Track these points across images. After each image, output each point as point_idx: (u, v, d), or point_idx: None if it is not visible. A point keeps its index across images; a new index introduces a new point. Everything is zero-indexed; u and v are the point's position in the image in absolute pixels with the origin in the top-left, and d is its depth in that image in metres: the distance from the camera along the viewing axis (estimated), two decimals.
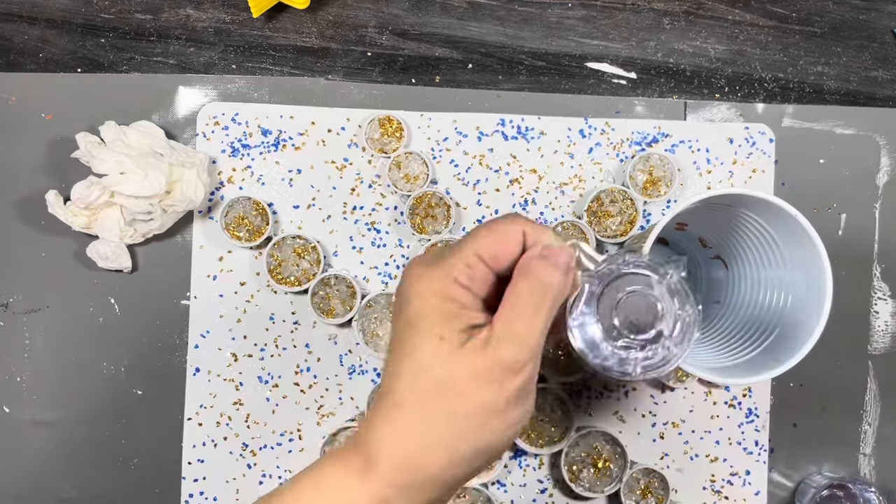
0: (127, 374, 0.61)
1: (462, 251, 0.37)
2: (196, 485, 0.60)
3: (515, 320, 0.35)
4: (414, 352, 0.35)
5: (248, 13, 0.63)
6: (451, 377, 0.35)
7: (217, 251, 0.61)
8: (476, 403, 0.35)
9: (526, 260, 0.37)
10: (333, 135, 0.62)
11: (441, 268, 0.36)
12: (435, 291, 0.36)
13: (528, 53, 0.63)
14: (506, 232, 0.37)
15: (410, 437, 0.35)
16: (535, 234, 0.38)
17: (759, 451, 0.62)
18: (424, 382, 0.35)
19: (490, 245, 0.37)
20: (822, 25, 0.64)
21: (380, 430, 0.35)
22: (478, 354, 0.35)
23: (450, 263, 0.36)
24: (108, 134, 0.59)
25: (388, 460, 0.35)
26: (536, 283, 0.36)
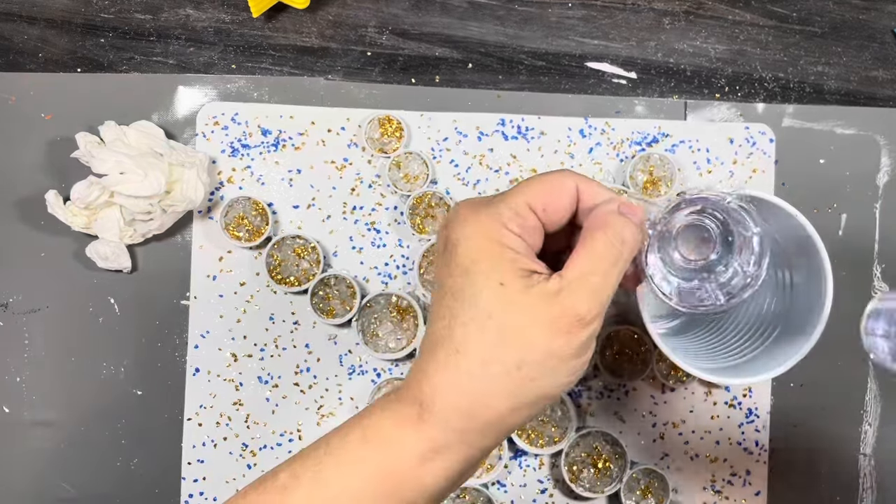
0: (127, 374, 0.61)
1: (513, 198, 0.36)
2: (196, 485, 0.60)
3: (592, 272, 0.35)
4: (474, 298, 0.34)
5: (248, 13, 0.63)
6: (518, 324, 0.34)
7: (217, 251, 0.61)
8: (544, 352, 0.34)
9: (603, 214, 0.36)
10: (333, 135, 0.62)
11: (491, 213, 0.35)
12: (487, 236, 0.35)
13: (528, 53, 0.63)
14: (558, 184, 0.36)
15: (473, 385, 0.34)
16: (589, 188, 0.37)
17: (759, 451, 0.62)
18: (489, 329, 0.34)
19: (542, 195, 0.36)
20: (823, 25, 0.64)
21: (439, 377, 0.35)
22: (548, 303, 0.34)
23: (499, 210, 0.35)
24: (108, 134, 0.59)
25: (449, 407, 0.34)
26: (615, 237, 0.36)
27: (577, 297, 0.34)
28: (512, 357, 0.34)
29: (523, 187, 0.36)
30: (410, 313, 0.60)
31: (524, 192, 0.36)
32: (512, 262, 0.35)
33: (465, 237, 0.35)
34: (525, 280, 0.35)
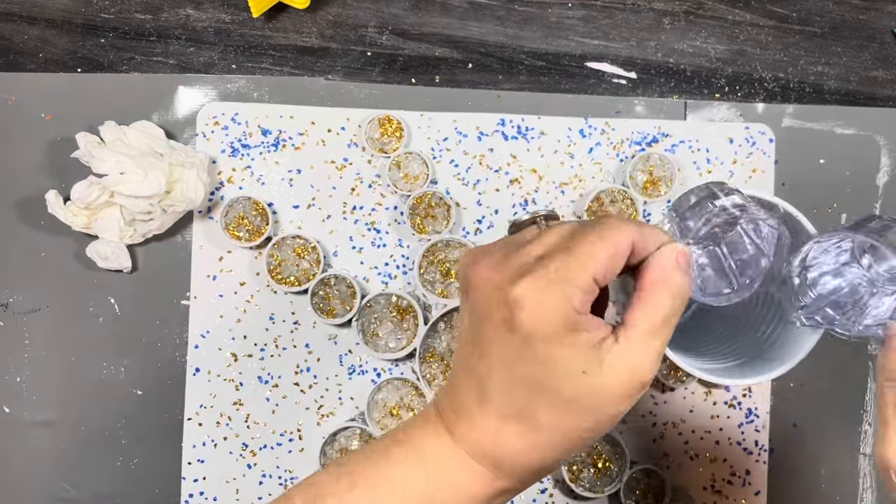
0: (127, 374, 0.61)
1: (581, 275, 0.35)
2: (196, 485, 0.60)
3: (655, 336, 0.36)
4: (556, 386, 0.35)
5: (248, 13, 0.63)
6: (596, 402, 0.35)
7: (217, 251, 0.61)
8: (613, 417, 0.36)
9: (662, 268, 0.37)
10: (333, 135, 0.62)
11: (561, 297, 0.35)
12: (564, 324, 0.35)
13: (528, 53, 0.63)
14: (621, 248, 0.36)
15: (550, 454, 0.37)
16: (643, 239, 0.37)
17: (759, 451, 0.62)
18: (571, 412, 0.36)
19: (606, 264, 0.36)
20: (823, 25, 0.64)
21: (519, 453, 0.36)
22: (616, 377, 0.35)
23: (570, 293, 0.35)
24: (108, 134, 0.59)
25: (524, 471, 0.37)
26: (678, 295, 0.36)
27: (643, 365, 0.35)
28: (587, 427, 0.36)
29: (587, 259, 0.35)
30: (410, 313, 0.60)
31: (589, 267, 0.35)
32: (587, 345, 0.35)
33: (535, 317, 0.35)
34: (598, 355, 0.35)
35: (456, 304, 0.59)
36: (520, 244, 0.37)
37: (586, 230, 0.36)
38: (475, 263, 0.37)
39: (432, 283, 0.60)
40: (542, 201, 0.62)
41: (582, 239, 0.36)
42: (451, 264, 0.60)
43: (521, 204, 0.62)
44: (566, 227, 0.37)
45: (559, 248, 0.36)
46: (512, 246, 0.37)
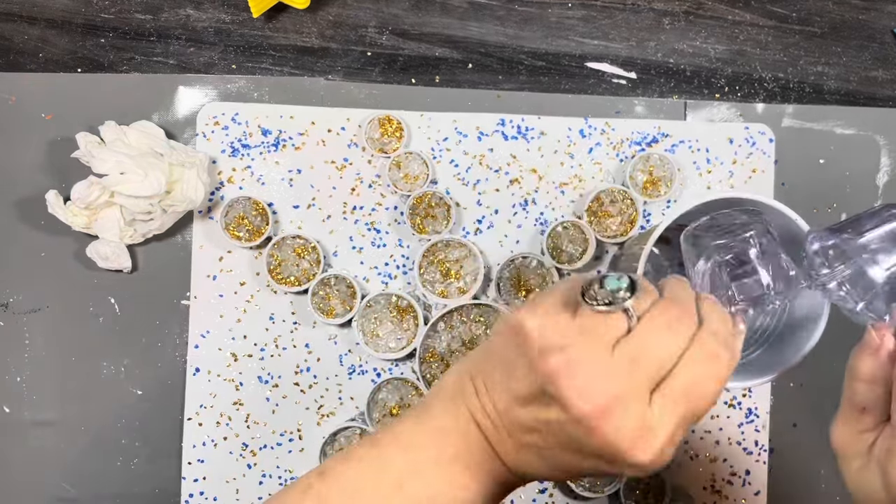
0: (127, 373, 0.61)
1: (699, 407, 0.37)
2: (196, 485, 0.60)
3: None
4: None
5: (248, 13, 0.63)
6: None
7: (217, 251, 0.61)
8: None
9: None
10: (333, 135, 0.62)
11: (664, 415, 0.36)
12: (636, 428, 0.36)
13: (528, 53, 0.63)
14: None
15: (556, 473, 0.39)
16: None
17: (759, 451, 0.62)
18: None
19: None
20: (822, 25, 0.64)
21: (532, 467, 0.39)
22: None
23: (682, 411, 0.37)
24: (108, 134, 0.59)
25: (532, 477, 0.40)
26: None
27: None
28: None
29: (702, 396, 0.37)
30: (410, 313, 0.60)
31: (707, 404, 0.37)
32: None
33: (617, 434, 0.36)
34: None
35: (455, 303, 0.59)
36: (611, 343, 0.36)
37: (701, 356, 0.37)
38: (567, 372, 0.35)
39: (432, 283, 0.60)
40: (542, 201, 0.62)
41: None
42: (450, 264, 0.60)
43: (521, 204, 0.62)
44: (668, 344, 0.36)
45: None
46: (598, 343, 0.36)
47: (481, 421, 0.39)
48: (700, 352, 0.36)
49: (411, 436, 0.39)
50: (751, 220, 0.43)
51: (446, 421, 0.39)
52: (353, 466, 0.38)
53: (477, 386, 0.39)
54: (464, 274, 0.60)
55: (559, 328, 0.36)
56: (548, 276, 0.60)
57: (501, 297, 0.60)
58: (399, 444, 0.39)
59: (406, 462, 0.38)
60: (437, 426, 0.39)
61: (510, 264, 0.61)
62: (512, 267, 0.61)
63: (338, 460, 0.39)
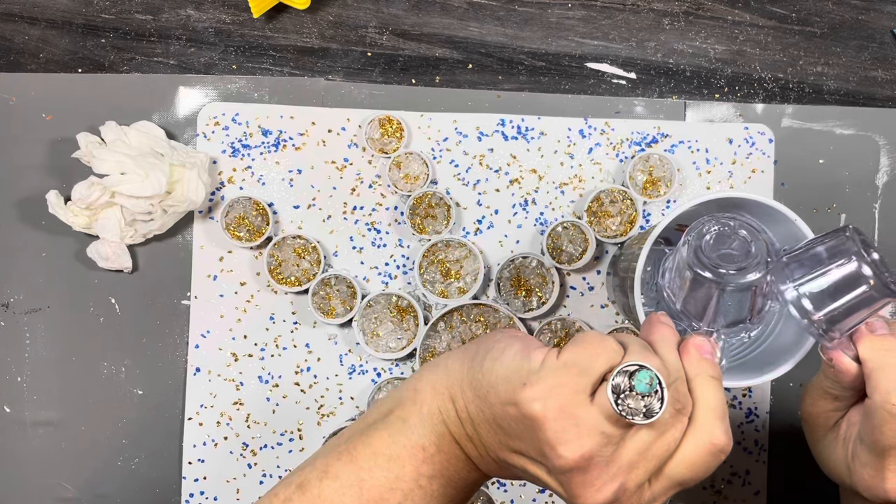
0: (127, 373, 0.61)
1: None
2: (196, 485, 0.60)
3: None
4: None
5: (249, 13, 0.63)
6: None
7: (217, 251, 0.61)
8: None
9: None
10: (333, 135, 0.62)
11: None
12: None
13: (528, 53, 0.64)
14: None
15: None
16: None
17: (759, 451, 0.62)
18: None
19: None
20: (822, 25, 0.65)
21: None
22: None
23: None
24: (109, 134, 0.59)
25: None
26: None
27: None
28: None
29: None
30: (410, 313, 0.60)
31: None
32: None
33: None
34: None
35: (455, 303, 0.59)
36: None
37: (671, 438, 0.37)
38: (579, 470, 0.35)
39: (432, 283, 0.60)
40: (542, 201, 0.62)
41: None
42: (450, 264, 0.60)
43: (521, 204, 0.62)
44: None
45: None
46: (614, 444, 0.36)
47: (465, 445, 0.39)
48: (700, 439, 0.37)
49: (389, 451, 0.39)
50: (761, 263, 0.43)
51: (427, 440, 0.39)
52: (331, 484, 0.38)
53: (460, 413, 0.39)
54: (464, 274, 0.60)
55: (576, 426, 0.35)
56: (548, 276, 0.60)
57: (501, 297, 0.60)
58: (377, 461, 0.39)
59: (385, 479, 0.38)
60: (416, 443, 0.39)
61: (510, 264, 0.61)
62: (512, 267, 0.61)
63: (316, 474, 0.39)
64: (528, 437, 0.36)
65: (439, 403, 0.40)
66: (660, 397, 0.35)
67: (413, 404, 0.40)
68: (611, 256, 0.62)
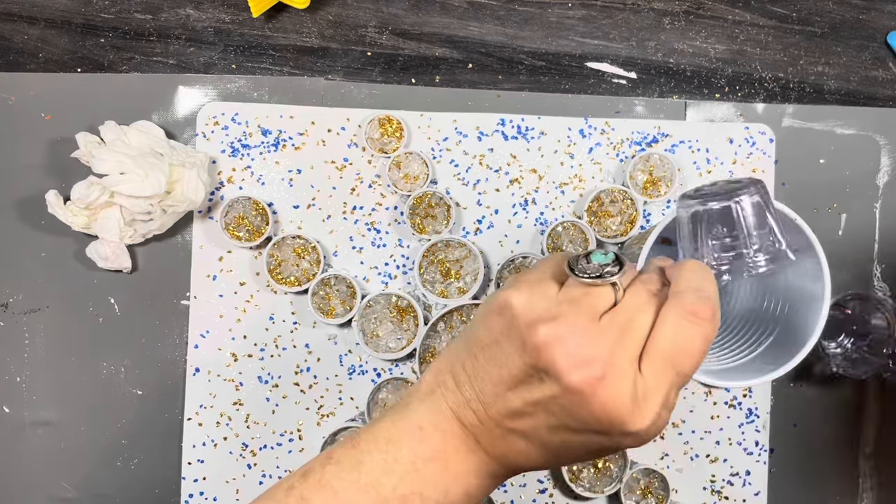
0: (127, 374, 0.61)
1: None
2: (196, 485, 0.60)
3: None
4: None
5: (248, 13, 0.63)
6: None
7: (217, 251, 0.61)
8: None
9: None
10: (333, 135, 0.62)
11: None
12: (629, 399, 0.37)
13: (528, 53, 0.63)
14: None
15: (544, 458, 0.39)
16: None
17: (759, 452, 0.62)
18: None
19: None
20: (823, 25, 0.64)
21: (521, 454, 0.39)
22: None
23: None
24: (108, 134, 0.59)
25: (526, 468, 0.40)
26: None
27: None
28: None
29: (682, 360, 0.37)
30: (410, 313, 0.60)
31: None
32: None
33: (614, 403, 0.36)
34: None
35: (455, 303, 0.59)
36: (598, 313, 0.36)
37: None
38: (558, 341, 0.35)
39: (432, 283, 0.60)
40: (542, 201, 0.62)
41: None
42: (450, 264, 0.60)
43: (521, 204, 0.62)
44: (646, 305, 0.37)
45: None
46: (587, 313, 0.36)
47: (463, 415, 0.39)
48: (679, 309, 0.36)
49: (388, 434, 0.39)
50: (745, 186, 0.43)
51: (425, 418, 0.39)
52: (333, 468, 0.39)
53: (457, 378, 0.39)
54: (464, 274, 0.60)
55: (546, 301, 0.37)
56: None
57: None
58: (377, 444, 0.39)
59: (383, 462, 0.38)
60: (414, 423, 0.39)
61: (510, 264, 0.61)
62: (512, 267, 0.61)
63: (320, 461, 0.39)
64: (509, 342, 0.37)
65: (438, 381, 0.40)
66: (616, 262, 0.37)
67: (416, 391, 0.40)
68: None
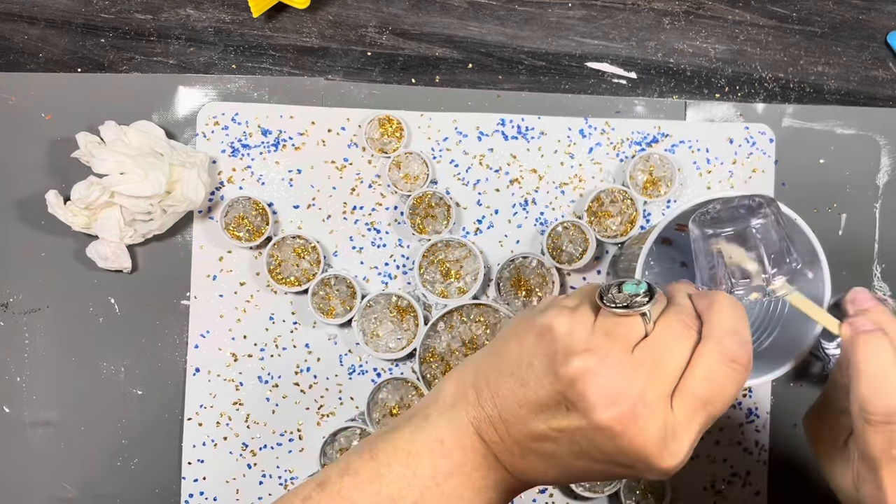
0: (127, 374, 0.61)
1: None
2: (196, 485, 0.60)
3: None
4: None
5: (248, 13, 0.63)
6: None
7: (217, 251, 0.61)
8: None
9: None
10: (333, 135, 0.62)
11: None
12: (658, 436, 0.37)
13: (528, 53, 0.63)
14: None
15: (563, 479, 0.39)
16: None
17: (759, 452, 0.62)
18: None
19: None
20: (822, 25, 0.64)
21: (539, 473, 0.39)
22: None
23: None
24: (108, 134, 0.59)
25: (546, 483, 0.40)
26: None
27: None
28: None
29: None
30: (410, 313, 0.60)
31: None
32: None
33: (645, 440, 0.36)
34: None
35: (455, 303, 0.59)
36: (631, 344, 0.36)
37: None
38: (591, 375, 0.35)
39: (432, 283, 0.60)
40: (542, 201, 0.62)
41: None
42: (450, 264, 0.60)
43: (521, 204, 0.62)
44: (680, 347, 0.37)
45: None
46: (620, 346, 0.36)
47: (484, 430, 0.38)
48: (718, 354, 0.36)
49: (409, 447, 0.39)
50: (758, 208, 0.44)
51: (445, 432, 0.39)
52: (351, 480, 0.38)
53: (480, 393, 0.39)
54: (464, 274, 0.60)
55: (585, 331, 0.36)
56: (548, 276, 0.60)
57: (501, 297, 0.60)
58: (396, 456, 0.38)
59: (403, 476, 0.38)
60: (435, 437, 0.39)
61: (510, 264, 0.61)
62: (512, 267, 0.61)
63: (337, 471, 0.39)
64: (539, 367, 0.37)
65: (460, 394, 0.40)
66: (647, 293, 0.37)
67: (435, 402, 0.40)
68: (611, 256, 0.62)
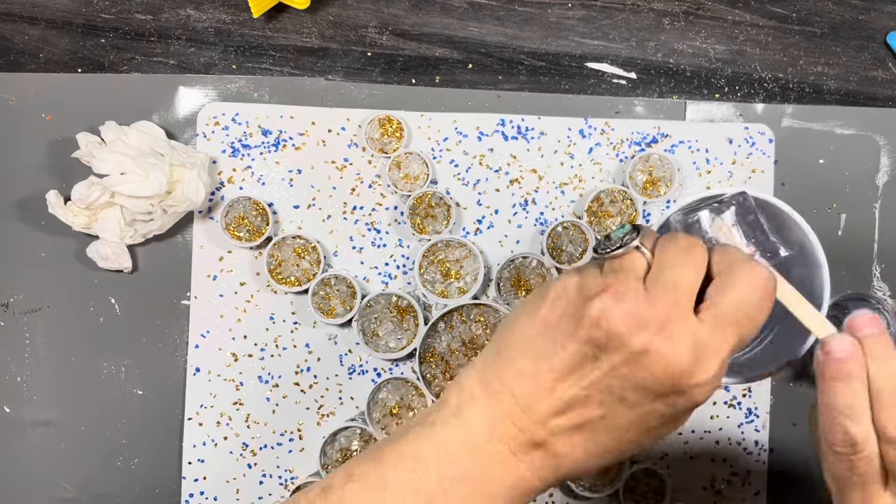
0: (127, 374, 0.61)
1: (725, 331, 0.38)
2: (196, 485, 0.60)
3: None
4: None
5: (249, 13, 0.63)
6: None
7: (217, 251, 0.61)
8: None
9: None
10: (333, 135, 0.62)
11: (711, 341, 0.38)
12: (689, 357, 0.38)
13: (528, 53, 0.64)
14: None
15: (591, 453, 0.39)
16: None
17: (759, 451, 0.62)
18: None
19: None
20: (822, 25, 0.65)
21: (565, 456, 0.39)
22: None
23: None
24: (109, 134, 0.59)
25: (571, 473, 0.39)
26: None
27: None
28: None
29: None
30: (410, 313, 0.60)
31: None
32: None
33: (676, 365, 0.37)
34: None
35: (455, 303, 0.59)
36: (636, 278, 0.37)
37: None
38: (614, 308, 0.36)
39: (432, 283, 0.60)
40: (542, 201, 0.62)
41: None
42: (450, 264, 0.60)
43: (521, 204, 0.62)
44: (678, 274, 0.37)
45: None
46: (631, 278, 0.37)
47: (501, 429, 0.38)
48: (743, 266, 0.37)
49: (414, 453, 0.38)
50: (729, 201, 0.45)
51: (449, 435, 0.38)
52: (356, 486, 0.38)
53: (490, 389, 0.38)
54: (464, 274, 0.60)
55: (595, 278, 0.38)
56: (548, 276, 0.60)
57: (501, 297, 0.60)
58: (402, 462, 0.38)
59: (410, 481, 0.37)
60: (439, 441, 0.38)
61: (510, 264, 0.61)
62: (512, 267, 0.61)
63: (341, 477, 0.38)
64: (562, 327, 0.37)
65: (466, 398, 0.39)
66: (633, 230, 0.39)
67: (439, 410, 0.39)
68: None
